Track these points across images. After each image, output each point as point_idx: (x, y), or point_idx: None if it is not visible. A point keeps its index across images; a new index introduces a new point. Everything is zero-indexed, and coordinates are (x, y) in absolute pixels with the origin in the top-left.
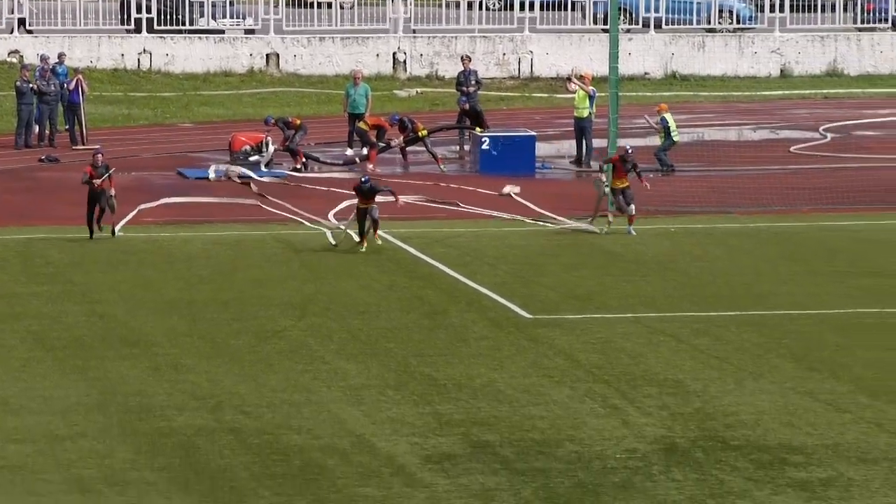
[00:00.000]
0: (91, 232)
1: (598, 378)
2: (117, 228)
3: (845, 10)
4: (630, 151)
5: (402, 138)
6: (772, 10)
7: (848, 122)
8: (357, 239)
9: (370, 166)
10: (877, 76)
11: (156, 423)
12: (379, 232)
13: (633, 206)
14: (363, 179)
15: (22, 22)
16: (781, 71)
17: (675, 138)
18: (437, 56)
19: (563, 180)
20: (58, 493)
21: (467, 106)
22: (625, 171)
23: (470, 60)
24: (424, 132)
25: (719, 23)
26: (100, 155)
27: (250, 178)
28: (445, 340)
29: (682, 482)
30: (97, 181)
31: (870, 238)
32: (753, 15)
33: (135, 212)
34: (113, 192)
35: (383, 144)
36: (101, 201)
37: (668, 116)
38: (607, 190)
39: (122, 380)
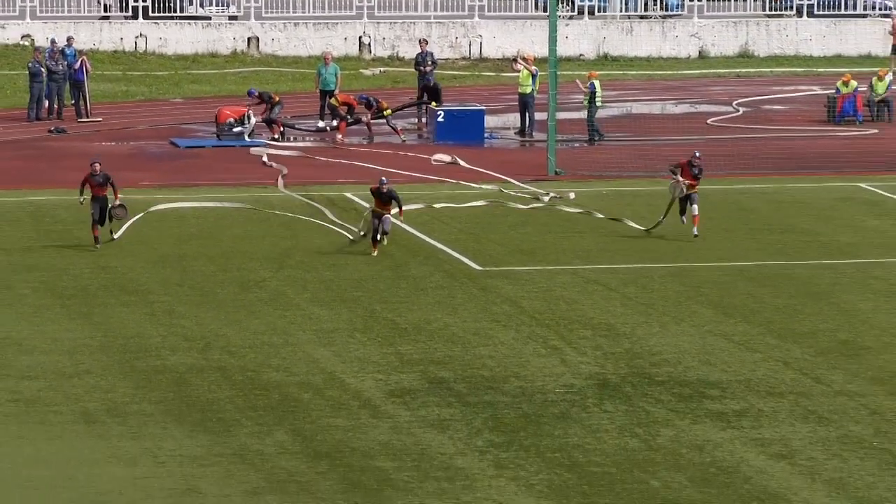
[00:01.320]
0: (96, 240)
1: (539, 322)
2: (117, 234)
3: (775, 5)
4: (698, 156)
5: (368, 115)
6: None
7: (758, 98)
8: (361, 233)
9: (339, 136)
10: (783, 57)
11: (152, 361)
12: (359, 204)
13: (696, 207)
14: (382, 181)
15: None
16: (699, 52)
17: (598, 104)
18: (398, 39)
19: (509, 148)
20: (66, 424)
21: (432, 83)
22: (692, 176)
23: (427, 43)
24: (389, 112)
25: (654, 10)
26: (97, 164)
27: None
28: (406, 290)
29: (613, 413)
30: (99, 193)
31: (778, 199)
32: (680, 3)
33: (140, 215)
34: (117, 201)
35: (352, 119)
36: (105, 210)
37: (596, 83)
38: (685, 188)
39: (122, 324)
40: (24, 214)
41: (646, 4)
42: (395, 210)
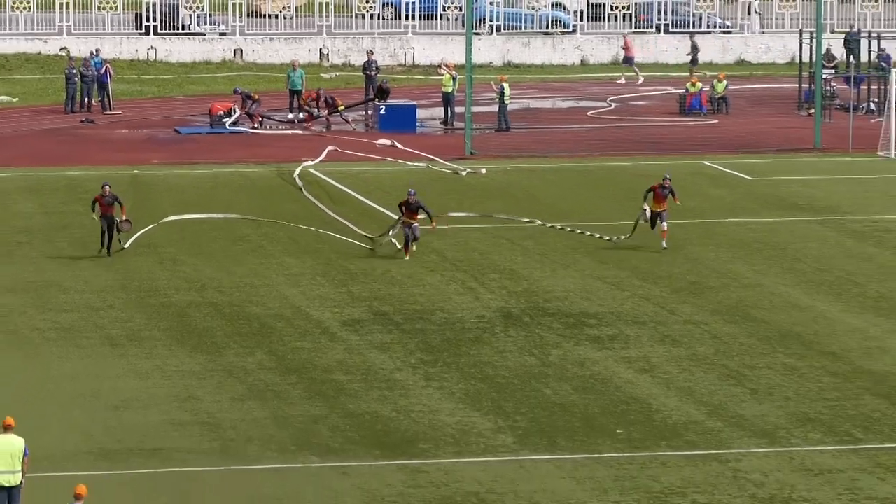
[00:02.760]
0: (103, 248)
1: (458, 268)
2: (127, 244)
3: (625, 19)
4: (668, 178)
5: (327, 111)
6: (576, 18)
7: (626, 95)
8: (399, 246)
9: (307, 123)
10: (645, 64)
11: (160, 298)
12: (322, 179)
13: (665, 224)
14: (410, 192)
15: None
16: (581, 60)
17: (506, 102)
18: (349, 50)
19: (435, 134)
20: (94, 346)
21: (386, 85)
22: (663, 197)
23: (372, 53)
24: (342, 107)
25: (554, 28)
26: (107, 186)
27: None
28: (355, 244)
29: (515, 337)
30: (107, 213)
31: (640, 173)
32: (567, 22)
33: (153, 225)
34: (123, 216)
35: (316, 112)
36: (112, 224)
37: (505, 85)
38: (648, 216)
39: (137, 270)
40: (60, 185)
41: (544, 24)
42: (422, 216)
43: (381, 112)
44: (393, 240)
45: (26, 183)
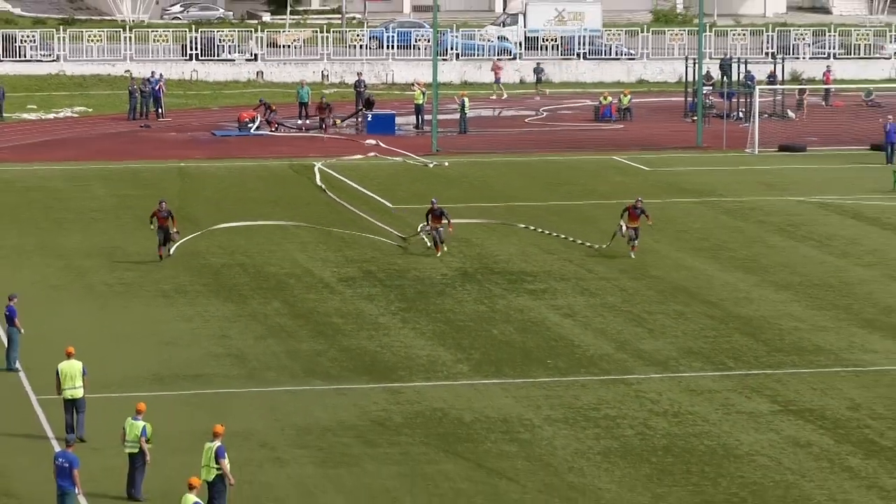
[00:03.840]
0: (161, 257)
1: (428, 238)
2: (172, 250)
3: (553, 48)
4: (640, 200)
5: (322, 116)
6: (517, 48)
7: (554, 106)
8: (430, 245)
9: (313, 128)
10: (569, 83)
11: (201, 260)
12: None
13: (636, 241)
14: (433, 201)
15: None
16: (521, 80)
17: (466, 111)
18: (344, 72)
19: (409, 136)
20: (151, 298)
21: (372, 98)
22: (636, 216)
23: (361, 74)
24: (338, 122)
25: (507, 55)
26: (164, 203)
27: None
28: (347, 219)
29: (471, 290)
30: (163, 225)
31: (565, 166)
32: (513, 51)
33: (199, 232)
34: (175, 228)
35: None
36: (167, 234)
37: (465, 99)
38: (625, 231)
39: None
40: (125, 175)
41: (493, 52)
42: (445, 222)
43: (369, 119)
44: (423, 237)
45: (99, 173)
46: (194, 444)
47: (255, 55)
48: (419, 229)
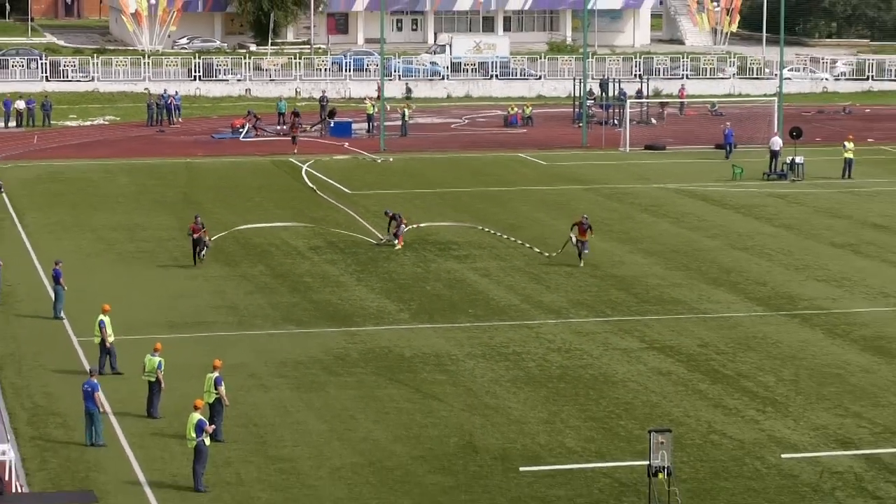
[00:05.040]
0: (194, 262)
1: (380, 218)
2: (203, 254)
3: (473, 71)
4: (585, 217)
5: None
6: (445, 70)
7: (473, 115)
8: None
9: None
10: (482, 97)
11: (218, 244)
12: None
13: (587, 252)
14: (387, 212)
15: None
16: (448, 94)
17: (407, 119)
18: (313, 89)
19: (362, 138)
20: (165, 262)
21: (334, 109)
22: (583, 230)
23: (325, 91)
24: (307, 128)
25: (432, 76)
26: (198, 217)
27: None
28: (316, 203)
29: (411, 256)
30: (197, 235)
31: (482, 161)
32: (442, 72)
33: (224, 233)
34: (207, 238)
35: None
36: (201, 244)
37: (407, 111)
38: (575, 243)
39: (189, 217)
40: (143, 168)
41: (427, 73)
42: (401, 225)
43: (331, 125)
44: (392, 238)
45: (124, 167)
46: (198, 375)
47: (245, 77)
48: (393, 232)
